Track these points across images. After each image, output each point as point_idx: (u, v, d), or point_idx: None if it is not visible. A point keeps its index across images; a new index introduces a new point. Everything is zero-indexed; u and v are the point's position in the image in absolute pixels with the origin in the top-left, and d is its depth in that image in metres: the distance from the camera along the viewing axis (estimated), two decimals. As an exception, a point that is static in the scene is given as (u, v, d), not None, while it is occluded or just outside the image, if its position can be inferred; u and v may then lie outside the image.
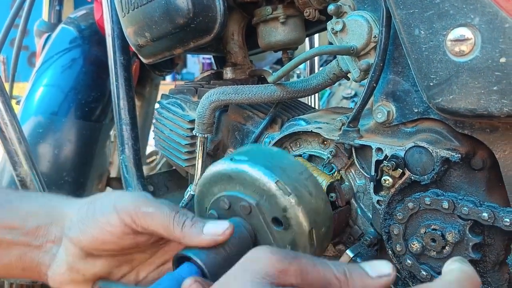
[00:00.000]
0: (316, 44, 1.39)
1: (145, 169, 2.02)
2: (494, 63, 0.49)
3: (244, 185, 0.52)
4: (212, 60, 1.29)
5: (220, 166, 0.54)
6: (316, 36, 1.32)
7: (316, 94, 1.64)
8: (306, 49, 1.38)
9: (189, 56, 6.26)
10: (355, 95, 3.32)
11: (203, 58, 5.74)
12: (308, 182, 0.52)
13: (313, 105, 1.51)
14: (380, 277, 0.39)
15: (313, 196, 0.52)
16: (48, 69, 1.28)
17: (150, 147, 2.01)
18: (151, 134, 1.29)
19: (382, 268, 0.40)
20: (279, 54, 0.95)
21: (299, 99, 0.96)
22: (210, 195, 0.56)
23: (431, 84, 0.55)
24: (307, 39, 1.29)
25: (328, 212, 0.54)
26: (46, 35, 1.39)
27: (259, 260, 0.38)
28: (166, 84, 2.69)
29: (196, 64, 5.72)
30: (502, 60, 0.48)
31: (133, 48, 0.93)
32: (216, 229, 0.49)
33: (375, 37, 0.68)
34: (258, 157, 0.53)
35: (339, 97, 3.45)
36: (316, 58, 1.37)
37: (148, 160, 2.15)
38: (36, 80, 1.27)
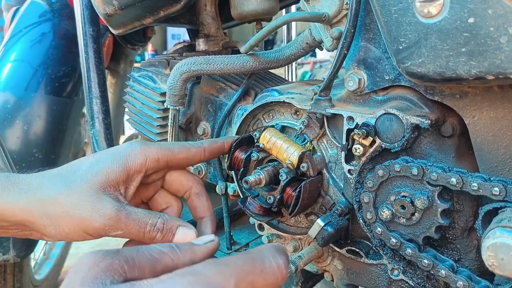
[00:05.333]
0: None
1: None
2: (462, 24, 0.48)
3: None
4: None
5: None
6: (293, 7, 1.30)
7: (294, 73, 1.63)
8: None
9: (169, 37, 6.16)
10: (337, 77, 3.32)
11: (184, 40, 5.66)
12: None
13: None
14: (205, 243, 0.45)
15: None
16: (17, 43, 1.24)
17: (131, 130, 1.98)
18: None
19: (206, 237, 0.46)
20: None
21: (273, 72, 0.95)
22: None
23: (401, 47, 0.54)
24: (284, 11, 1.27)
25: None
26: (14, 8, 1.34)
27: (83, 267, 0.38)
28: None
29: (177, 46, 5.64)
30: (471, 20, 0.48)
31: (102, 18, 0.90)
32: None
33: (347, 3, 0.67)
34: None
35: (319, 79, 3.44)
36: (294, 32, 1.35)
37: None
38: (4, 55, 1.23)
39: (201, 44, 0.95)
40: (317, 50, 0.81)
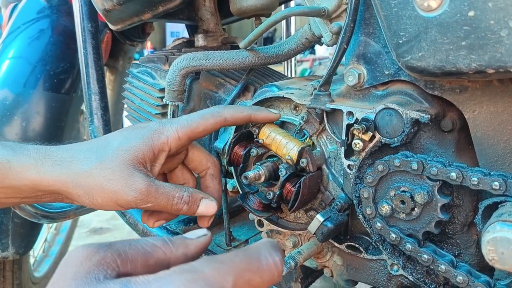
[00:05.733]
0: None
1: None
2: (462, 17, 0.48)
3: None
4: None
5: None
6: (292, 3, 1.30)
7: (293, 71, 1.62)
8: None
9: (168, 35, 6.16)
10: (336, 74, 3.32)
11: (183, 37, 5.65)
12: None
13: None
14: (198, 237, 0.44)
15: None
16: (15, 40, 1.23)
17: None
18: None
19: (198, 232, 0.45)
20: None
21: (273, 68, 0.95)
22: None
23: (400, 41, 0.54)
24: (283, 6, 1.27)
25: None
26: (12, 5, 1.33)
27: (75, 261, 0.38)
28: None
29: (176, 44, 5.64)
30: (471, 13, 0.47)
31: (100, 14, 0.90)
32: None
33: (346, -2, 0.66)
34: None
35: (319, 75, 3.44)
36: (293, 29, 1.35)
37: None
38: (2, 52, 1.22)
39: (200, 40, 0.94)
40: (316, 47, 0.82)
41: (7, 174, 0.59)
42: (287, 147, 0.69)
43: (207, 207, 0.64)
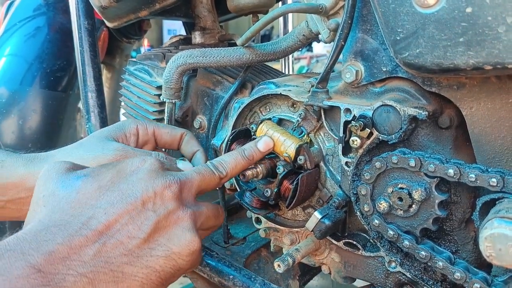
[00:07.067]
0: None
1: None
2: (460, 14, 0.48)
3: None
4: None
5: None
6: (289, 0, 1.30)
7: (291, 68, 1.62)
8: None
9: (165, 33, 6.14)
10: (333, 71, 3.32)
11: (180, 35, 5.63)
12: None
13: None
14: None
15: None
16: (11, 38, 1.22)
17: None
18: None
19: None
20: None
21: (271, 65, 0.95)
22: None
23: (398, 38, 0.53)
24: (280, 3, 1.26)
25: None
26: (8, 2, 1.32)
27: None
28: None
29: (173, 42, 5.63)
30: (468, 10, 0.47)
31: (97, 11, 0.89)
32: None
33: (344, -5, 0.66)
34: None
35: (317, 72, 3.44)
36: (290, 26, 1.35)
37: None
38: (-2, 50, 1.22)
39: (197, 37, 0.94)
40: (313, 44, 0.81)
41: None
42: (284, 144, 0.69)
43: (184, 166, 0.72)
